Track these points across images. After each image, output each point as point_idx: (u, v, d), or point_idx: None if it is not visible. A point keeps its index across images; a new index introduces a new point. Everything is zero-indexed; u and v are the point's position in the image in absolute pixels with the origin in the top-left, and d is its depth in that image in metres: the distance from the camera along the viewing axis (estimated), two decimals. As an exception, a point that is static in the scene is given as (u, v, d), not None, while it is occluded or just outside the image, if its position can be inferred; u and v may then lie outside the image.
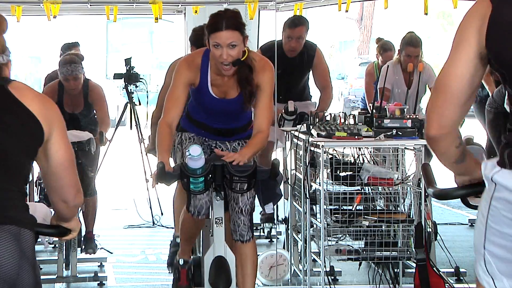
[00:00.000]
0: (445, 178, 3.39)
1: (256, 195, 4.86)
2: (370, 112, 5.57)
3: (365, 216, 5.26)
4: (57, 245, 6.41)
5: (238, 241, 4.84)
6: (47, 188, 2.89)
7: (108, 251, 7.12)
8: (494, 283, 2.60)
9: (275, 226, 7.38)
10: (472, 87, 2.60)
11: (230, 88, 4.84)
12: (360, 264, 5.83)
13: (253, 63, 4.77)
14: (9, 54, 2.82)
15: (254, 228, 6.51)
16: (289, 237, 6.12)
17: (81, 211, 6.84)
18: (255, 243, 4.92)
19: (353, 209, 5.32)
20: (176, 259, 5.34)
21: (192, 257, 5.28)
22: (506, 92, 2.67)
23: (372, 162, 5.65)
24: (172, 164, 4.74)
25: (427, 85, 7.60)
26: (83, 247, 6.85)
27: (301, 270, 5.82)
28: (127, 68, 8.58)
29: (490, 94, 6.92)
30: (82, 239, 6.92)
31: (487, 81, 7.09)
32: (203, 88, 4.84)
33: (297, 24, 6.99)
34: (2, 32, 2.79)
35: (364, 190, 5.41)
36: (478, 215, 2.65)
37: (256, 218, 7.39)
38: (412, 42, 7.45)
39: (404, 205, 5.52)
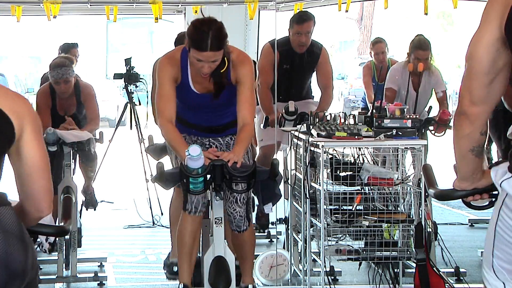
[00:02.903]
0: (446, 178, 3.38)
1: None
2: (372, 103, 5.55)
3: (365, 216, 5.25)
4: (56, 245, 6.41)
5: (235, 231, 4.92)
6: (21, 196, 2.72)
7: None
8: (505, 286, 2.58)
9: (274, 226, 7.39)
10: (495, 69, 2.57)
11: (210, 83, 4.86)
12: (360, 264, 5.82)
13: (231, 57, 4.79)
14: None
15: (254, 228, 6.50)
16: (289, 237, 6.11)
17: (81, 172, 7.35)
18: (252, 230, 4.98)
19: (353, 209, 5.32)
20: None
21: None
22: None
23: (372, 162, 5.64)
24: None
25: (433, 90, 7.63)
26: (84, 203, 7.34)
27: (301, 270, 5.81)
28: (127, 68, 8.58)
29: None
30: (83, 194, 7.42)
31: None
32: (185, 86, 4.86)
33: (305, 19, 7.05)
34: None
35: (364, 190, 5.41)
36: (490, 221, 2.62)
37: (255, 219, 7.40)
38: (421, 45, 7.47)
39: (404, 205, 5.51)
